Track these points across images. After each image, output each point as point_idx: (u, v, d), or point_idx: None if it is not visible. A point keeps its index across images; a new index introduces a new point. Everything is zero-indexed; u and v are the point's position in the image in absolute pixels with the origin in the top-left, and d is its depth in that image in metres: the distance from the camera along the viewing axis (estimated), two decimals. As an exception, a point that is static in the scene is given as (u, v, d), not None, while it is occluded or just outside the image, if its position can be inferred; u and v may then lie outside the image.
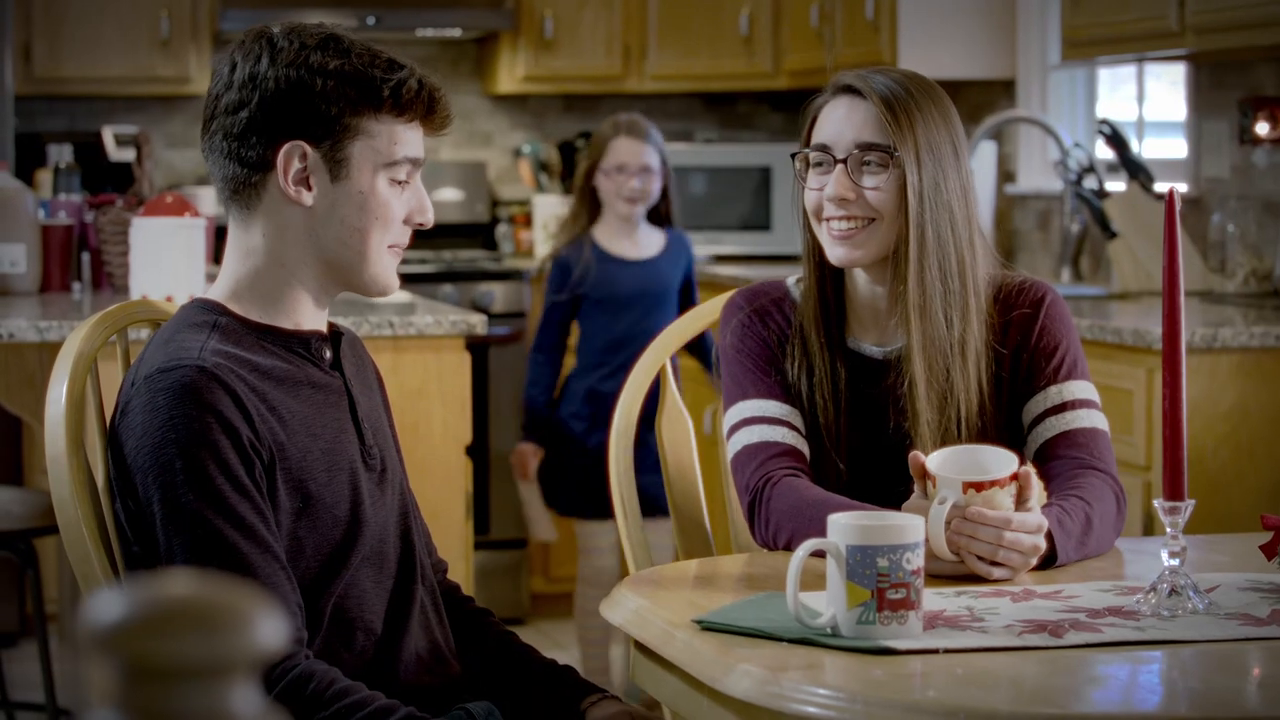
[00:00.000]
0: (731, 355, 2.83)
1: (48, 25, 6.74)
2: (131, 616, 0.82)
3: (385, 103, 2.38)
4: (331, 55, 2.38)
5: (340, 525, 2.39)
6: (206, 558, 2.28)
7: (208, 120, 2.43)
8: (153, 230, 4.50)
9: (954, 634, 2.17)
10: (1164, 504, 2.29)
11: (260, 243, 2.42)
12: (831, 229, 2.72)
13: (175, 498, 2.27)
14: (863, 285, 2.79)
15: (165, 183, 7.08)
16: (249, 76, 2.38)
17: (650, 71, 7.22)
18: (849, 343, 2.79)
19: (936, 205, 2.70)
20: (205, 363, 2.30)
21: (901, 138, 2.69)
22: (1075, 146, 5.82)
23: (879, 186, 2.70)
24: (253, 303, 2.43)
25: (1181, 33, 4.87)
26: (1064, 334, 2.78)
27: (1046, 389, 2.75)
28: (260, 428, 2.32)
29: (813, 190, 2.76)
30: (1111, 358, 4.43)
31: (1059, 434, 2.73)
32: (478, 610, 2.64)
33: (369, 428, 2.48)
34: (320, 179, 2.39)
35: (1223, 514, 4.20)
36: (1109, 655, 2.13)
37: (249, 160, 2.39)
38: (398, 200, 2.42)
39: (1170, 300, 2.30)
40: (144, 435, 2.30)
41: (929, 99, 2.74)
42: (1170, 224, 2.30)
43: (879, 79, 2.74)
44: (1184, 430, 2.29)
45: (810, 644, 2.14)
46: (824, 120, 2.77)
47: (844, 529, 2.17)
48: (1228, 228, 5.27)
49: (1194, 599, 2.28)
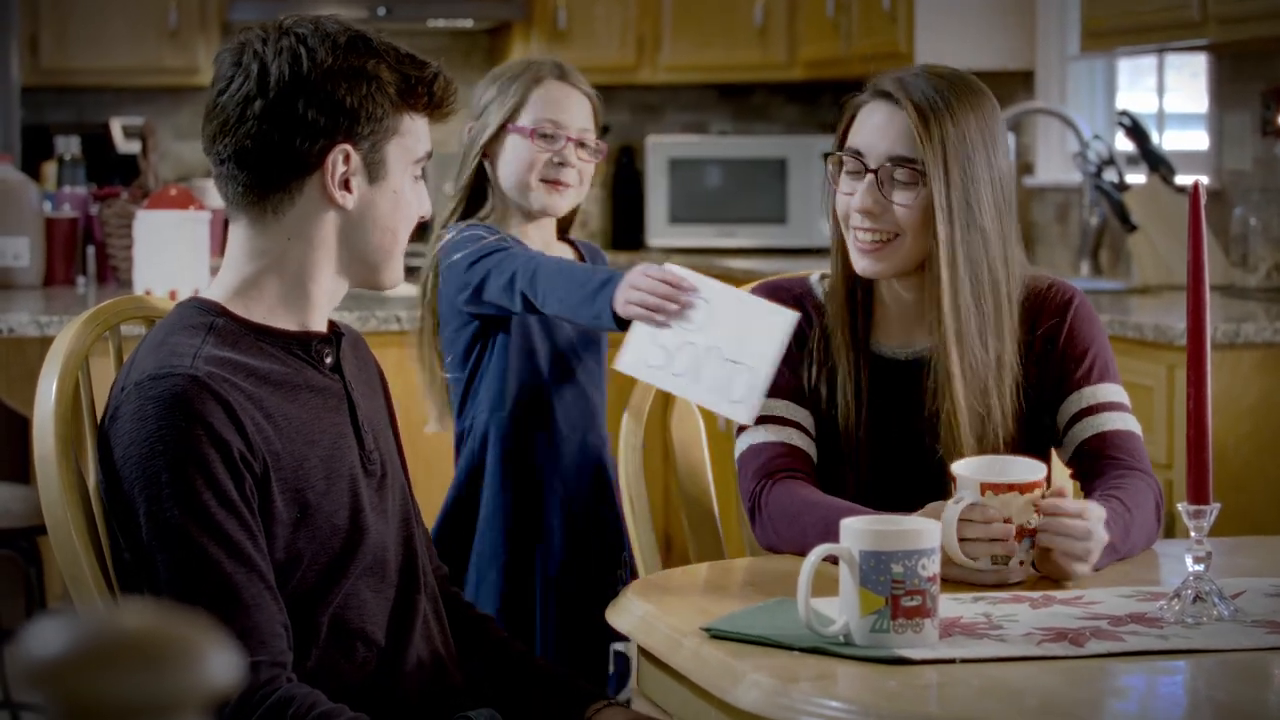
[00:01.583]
0: None
1: (54, 16, 6.69)
2: (70, 650, 0.75)
3: (421, 101, 2.35)
4: (367, 54, 2.32)
5: (339, 534, 2.33)
6: (189, 575, 2.22)
7: (225, 126, 2.32)
8: (157, 223, 4.45)
9: (971, 643, 2.11)
10: (1188, 507, 2.23)
11: (282, 246, 2.34)
12: (858, 239, 2.66)
13: (160, 512, 2.22)
14: (890, 290, 2.73)
15: (173, 175, 7.03)
16: (291, 77, 2.29)
17: (664, 63, 7.16)
18: (871, 345, 2.73)
19: (969, 225, 2.63)
20: (198, 371, 2.23)
21: (933, 154, 2.61)
22: (1095, 138, 5.77)
23: (908, 204, 2.63)
24: (256, 302, 2.36)
25: (1203, 23, 4.81)
26: (1093, 336, 2.73)
27: (1080, 390, 2.70)
28: (254, 438, 2.25)
29: (844, 195, 2.69)
30: (1132, 353, 4.37)
31: (1096, 434, 2.67)
32: (479, 616, 2.59)
33: (369, 431, 2.42)
34: (359, 181, 2.34)
35: (1245, 512, 4.14)
36: (1131, 665, 2.07)
37: (289, 164, 2.31)
38: (418, 199, 2.40)
39: (1195, 297, 2.23)
40: (131, 445, 2.24)
41: (968, 106, 2.67)
42: (1195, 219, 2.23)
43: (920, 85, 2.65)
44: (1209, 431, 2.22)
45: (822, 653, 2.09)
46: (862, 123, 2.69)
47: (857, 534, 2.11)
48: (1250, 221, 5.21)
49: (1219, 606, 2.21)
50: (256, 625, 2.21)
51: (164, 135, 7.06)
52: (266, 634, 2.22)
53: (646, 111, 7.53)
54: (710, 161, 7.12)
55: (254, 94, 2.30)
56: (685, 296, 2.72)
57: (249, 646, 2.19)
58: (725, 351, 2.66)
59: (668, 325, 2.71)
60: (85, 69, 6.76)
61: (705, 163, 7.10)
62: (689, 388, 2.70)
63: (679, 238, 7.06)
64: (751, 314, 2.67)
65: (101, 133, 6.72)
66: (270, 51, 2.31)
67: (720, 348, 2.67)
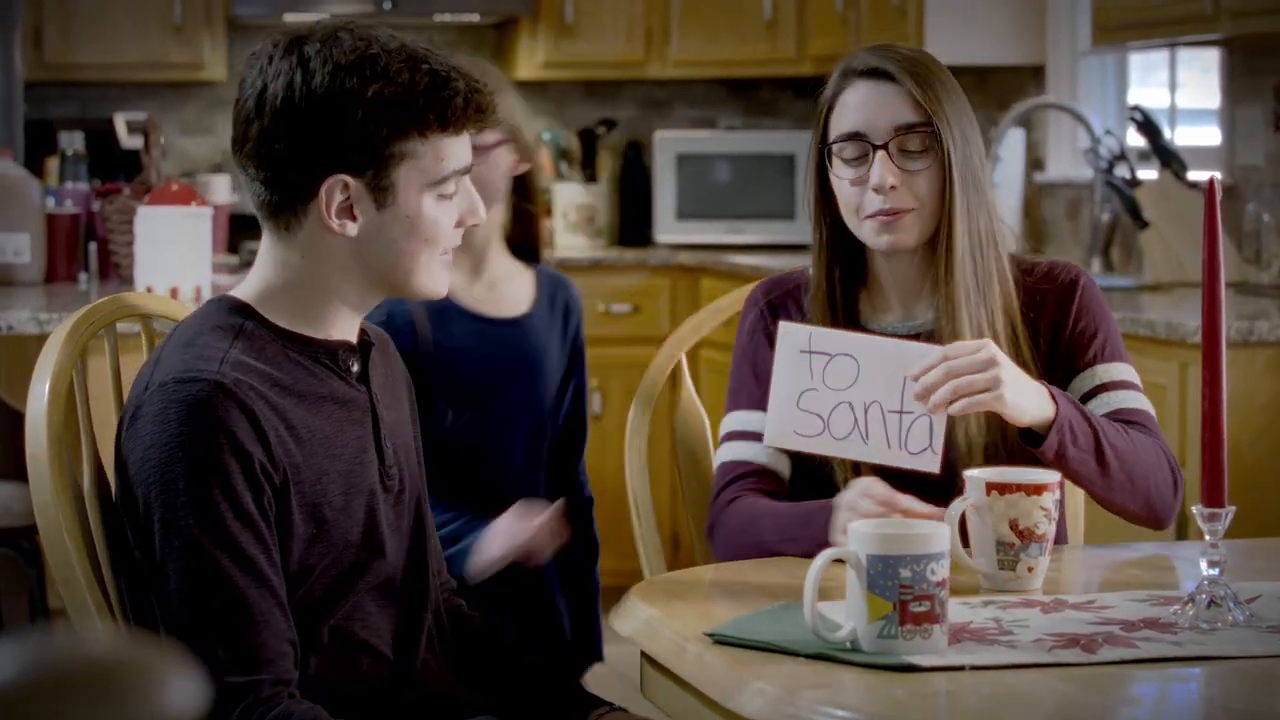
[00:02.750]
0: (736, 356, 2.77)
1: (59, 10, 6.66)
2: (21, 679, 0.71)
3: (431, 124, 2.26)
4: (369, 77, 2.23)
5: (352, 550, 2.30)
6: (199, 587, 2.18)
7: (238, 138, 2.29)
8: (158, 219, 4.42)
9: (981, 649, 2.06)
10: (1203, 510, 2.18)
11: (298, 261, 2.30)
12: (879, 218, 2.61)
13: (175, 520, 2.18)
14: (891, 265, 2.69)
15: (178, 170, 6.99)
16: (282, 103, 2.23)
17: (672, 57, 7.11)
18: (869, 324, 2.68)
19: (976, 186, 2.63)
20: (225, 378, 2.19)
21: (940, 113, 2.60)
22: (1106, 134, 5.73)
23: (926, 167, 2.61)
24: (284, 308, 2.31)
25: (1216, 17, 4.77)
26: (1102, 317, 2.71)
27: (1092, 368, 2.67)
28: (276, 450, 2.21)
29: (850, 183, 2.64)
30: (1144, 351, 4.32)
31: (1111, 411, 2.63)
32: (482, 627, 2.55)
33: (391, 445, 2.37)
34: (365, 207, 2.27)
35: (1258, 512, 4.09)
36: (1144, 672, 2.03)
37: (287, 186, 2.26)
38: (447, 215, 2.31)
39: (1210, 295, 2.18)
40: (151, 447, 2.19)
41: (941, 68, 2.68)
42: (1210, 215, 2.18)
43: (895, 56, 2.64)
44: (1224, 433, 2.18)
45: (828, 660, 2.04)
46: (848, 108, 2.65)
47: (865, 537, 2.06)
48: (1263, 217, 5.16)
49: (1234, 611, 2.17)
50: (264, 642, 2.17)
51: (169, 130, 7.02)
52: (273, 651, 2.18)
53: (654, 106, 7.49)
54: (718, 157, 7.08)
55: (253, 114, 2.26)
56: (822, 359, 2.52)
57: (254, 663, 2.16)
58: (887, 404, 2.49)
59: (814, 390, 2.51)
60: (89, 63, 6.72)
61: (713, 158, 7.06)
62: (857, 449, 2.50)
63: (687, 234, 7.01)
64: (903, 358, 2.49)
65: (106, 128, 6.68)
66: (273, 71, 2.25)
67: (880, 401, 2.49)
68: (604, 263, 6.72)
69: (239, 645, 2.16)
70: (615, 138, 7.41)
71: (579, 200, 7.18)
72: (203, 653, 2.15)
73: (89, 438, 2.39)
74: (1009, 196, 6.21)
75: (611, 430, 6.28)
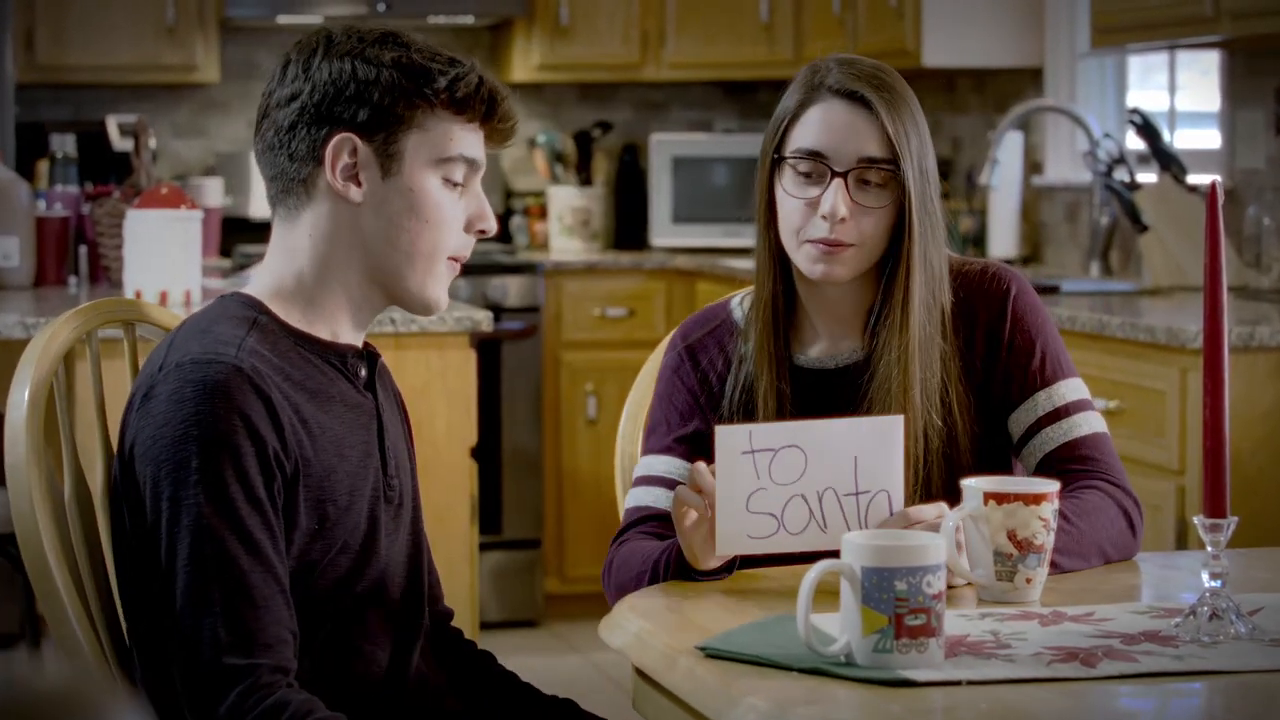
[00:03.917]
0: (653, 397, 2.73)
1: (50, 12, 6.61)
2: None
3: (441, 95, 2.28)
4: (389, 48, 2.29)
5: (350, 553, 2.29)
6: (204, 566, 2.16)
7: (259, 119, 2.33)
8: (147, 223, 4.37)
9: (978, 663, 2.02)
10: (1205, 521, 2.14)
11: (305, 242, 2.31)
12: (820, 246, 2.54)
13: (184, 498, 2.16)
14: (822, 298, 2.62)
15: (171, 173, 6.95)
16: (302, 69, 2.29)
17: (669, 59, 7.08)
18: (798, 358, 2.62)
19: (933, 226, 2.55)
20: (243, 363, 2.19)
21: (906, 153, 2.52)
22: (1105, 137, 5.70)
23: (882, 205, 2.53)
24: (293, 305, 2.31)
25: (1215, 19, 4.74)
26: (1039, 327, 2.62)
27: (1035, 395, 2.58)
28: (289, 439, 2.20)
29: (798, 201, 2.57)
30: (1143, 357, 4.28)
31: (1062, 444, 2.56)
32: (480, 653, 2.54)
33: (393, 457, 2.37)
34: (370, 174, 2.28)
35: (1259, 521, 4.05)
36: (1145, 687, 1.99)
37: (297, 153, 2.29)
38: (452, 204, 2.31)
39: (1212, 301, 2.14)
40: (164, 425, 2.17)
41: (910, 95, 2.58)
42: (1213, 220, 2.14)
43: (871, 80, 2.55)
44: (1226, 442, 2.14)
45: (822, 674, 2.00)
46: (816, 123, 2.57)
47: (859, 549, 2.02)
48: (1263, 221, 5.13)
49: (1236, 623, 2.13)
50: (265, 627, 2.15)
51: (161, 133, 6.98)
52: (273, 637, 2.16)
53: (650, 109, 7.45)
54: (715, 160, 7.04)
55: (273, 89, 2.32)
56: (766, 456, 2.34)
57: (254, 646, 2.14)
58: (841, 488, 2.35)
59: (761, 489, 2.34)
60: (81, 65, 6.68)
61: (710, 161, 7.03)
62: (816, 539, 2.35)
63: (683, 237, 6.97)
64: (853, 437, 2.35)
65: (98, 130, 6.64)
66: (296, 50, 2.32)
67: (834, 486, 2.35)
68: (599, 266, 6.68)
69: (240, 627, 2.14)
70: (611, 140, 7.37)
71: (574, 203, 7.14)
72: (203, 632, 2.14)
73: (70, 446, 2.35)
74: (1007, 200, 6.17)
75: (605, 435, 6.25)
